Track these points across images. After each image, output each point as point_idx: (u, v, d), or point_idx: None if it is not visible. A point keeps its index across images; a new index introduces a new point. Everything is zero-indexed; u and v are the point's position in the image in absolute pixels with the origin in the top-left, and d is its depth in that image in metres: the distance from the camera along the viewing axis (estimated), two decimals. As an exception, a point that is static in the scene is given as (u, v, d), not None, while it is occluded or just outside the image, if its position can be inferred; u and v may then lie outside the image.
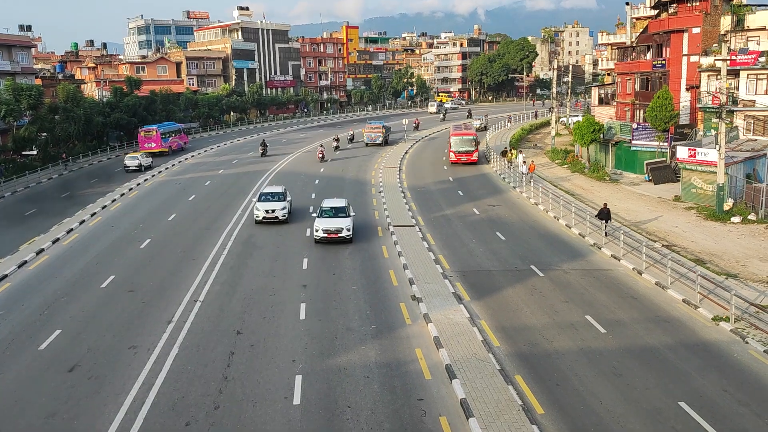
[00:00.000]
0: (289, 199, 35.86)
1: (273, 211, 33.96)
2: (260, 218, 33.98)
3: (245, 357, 18.77)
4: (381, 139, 66.29)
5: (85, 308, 22.94)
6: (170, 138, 67.06)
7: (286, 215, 34.40)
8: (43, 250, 30.62)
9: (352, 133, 72.42)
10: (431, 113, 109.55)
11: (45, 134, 60.31)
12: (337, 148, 64.57)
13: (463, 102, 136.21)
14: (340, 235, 29.82)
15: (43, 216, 39.12)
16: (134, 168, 55.57)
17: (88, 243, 31.95)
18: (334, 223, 30.01)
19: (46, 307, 23.19)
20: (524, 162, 45.91)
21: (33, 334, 20.63)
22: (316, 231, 30.05)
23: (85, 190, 47.62)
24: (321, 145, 62.00)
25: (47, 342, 20.02)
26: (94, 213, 38.61)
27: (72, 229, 34.62)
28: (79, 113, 62.20)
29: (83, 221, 36.49)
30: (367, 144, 66.55)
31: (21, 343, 19.95)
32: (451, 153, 53.29)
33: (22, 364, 18.55)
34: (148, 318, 21.86)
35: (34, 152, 58.32)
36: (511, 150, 55.05)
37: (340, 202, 32.15)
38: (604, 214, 30.35)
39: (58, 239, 32.47)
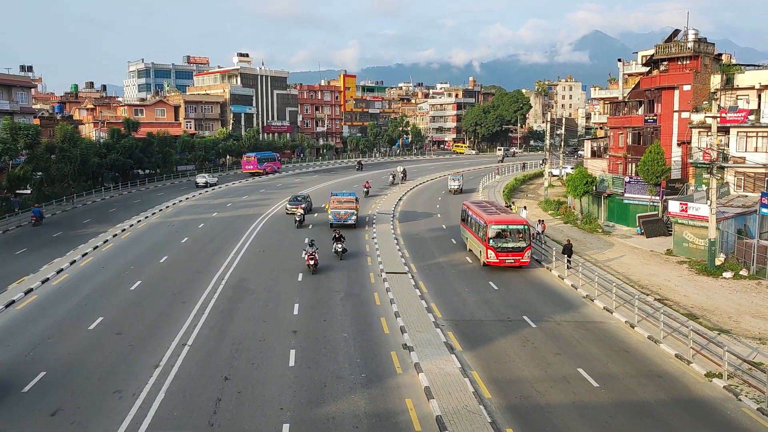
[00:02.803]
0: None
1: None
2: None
3: (232, 404, 18.44)
4: (354, 217, 46.37)
5: (71, 350, 22.60)
6: (265, 163, 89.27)
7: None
8: (32, 289, 30.30)
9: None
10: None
11: (40, 173, 60.37)
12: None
13: (513, 150, 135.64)
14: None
15: (34, 255, 38.84)
16: (202, 185, 73.91)
17: (77, 284, 31.67)
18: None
19: (31, 348, 22.82)
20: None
21: (17, 376, 20.24)
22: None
23: (77, 230, 47.43)
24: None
25: (31, 384, 19.63)
26: (86, 253, 38.39)
27: (62, 269, 34.35)
28: (75, 153, 62.41)
29: (74, 261, 36.24)
30: (332, 225, 45.74)
31: (4, 385, 19.54)
32: (490, 251, 34.20)
33: (5, 407, 18.15)
34: (135, 362, 21.53)
35: (29, 191, 58.26)
36: (513, 203, 54.07)
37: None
38: (567, 250, 35.91)
39: (47, 279, 32.18)
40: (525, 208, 51.10)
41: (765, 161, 43.39)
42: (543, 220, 45.53)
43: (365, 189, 64.60)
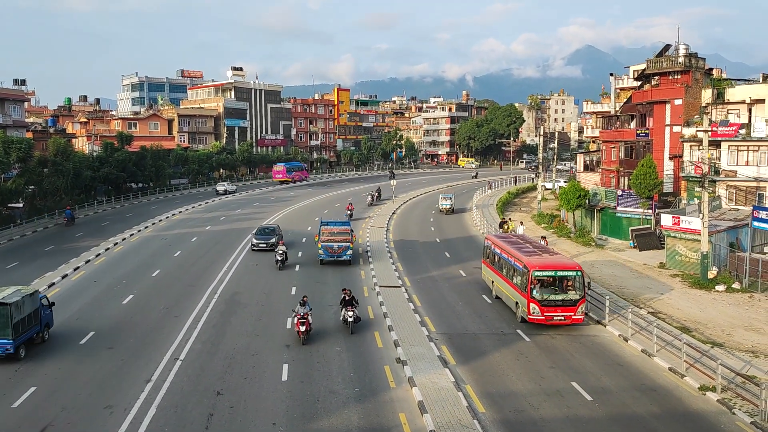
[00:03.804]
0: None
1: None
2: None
3: (224, 419, 18.30)
4: (349, 252, 38.63)
5: (62, 365, 22.40)
6: (293, 172, 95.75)
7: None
8: (22, 303, 30.04)
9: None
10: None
11: (32, 187, 60.14)
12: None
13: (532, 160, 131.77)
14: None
15: (26, 269, 38.59)
16: (222, 192, 78.79)
17: (68, 298, 31.45)
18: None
19: (21, 362, 22.60)
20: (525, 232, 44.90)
21: (7, 391, 20.05)
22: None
23: (69, 243, 47.18)
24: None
25: (21, 399, 19.44)
26: (78, 267, 38.17)
27: (54, 283, 34.13)
28: (68, 167, 62.22)
29: (66, 275, 36.03)
30: (322, 262, 38.53)
31: (-7, 400, 19.36)
32: (533, 306, 26.34)
33: (-7, 423, 17.96)
34: (126, 376, 21.36)
35: (20, 205, 58.00)
36: (509, 220, 52.33)
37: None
38: None
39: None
40: (522, 223, 49.99)
41: (756, 175, 43.67)
42: (545, 237, 44.62)
43: (348, 212, 58.56)
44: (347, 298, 26.42)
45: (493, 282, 32.04)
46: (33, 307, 23.99)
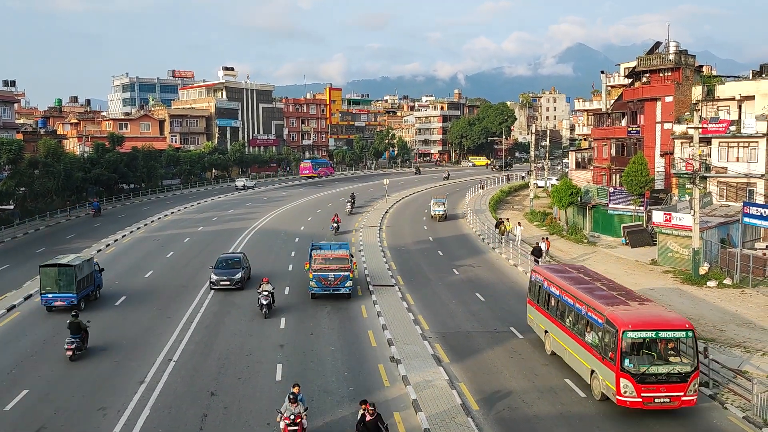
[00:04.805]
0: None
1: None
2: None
3: (218, 420, 18.27)
4: (349, 282, 30.66)
5: (55, 367, 22.32)
6: (319, 168, 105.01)
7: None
8: (14, 306, 29.95)
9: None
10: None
11: (23, 189, 59.82)
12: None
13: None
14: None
15: (17, 271, 38.39)
16: (240, 187, 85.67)
17: (61, 299, 31.27)
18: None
19: (14, 365, 22.53)
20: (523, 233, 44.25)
21: (-1, 394, 19.98)
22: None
23: (61, 245, 46.94)
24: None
25: (13, 402, 19.36)
26: (70, 269, 37.93)
27: (45, 285, 33.92)
28: (59, 168, 61.93)
29: (57, 277, 35.79)
30: (314, 296, 30.85)
31: (-15, 404, 19.26)
32: (625, 381, 18.49)
33: (-14, 426, 17.87)
34: (119, 378, 21.30)
35: (11, 207, 57.68)
36: (506, 220, 49.84)
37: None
38: (537, 252, 37.62)
39: (30, 295, 31.78)
40: (519, 224, 47.48)
41: (746, 171, 43.92)
42: (547, 238, 43.06)
43: (334, 224, 50.55)
44: (369, 417, 15.88)
45: (547, 332, 23.93)
46: (89, 270, 30.59)
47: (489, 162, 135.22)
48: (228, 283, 32.41)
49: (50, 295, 28.62)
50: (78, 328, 23.46)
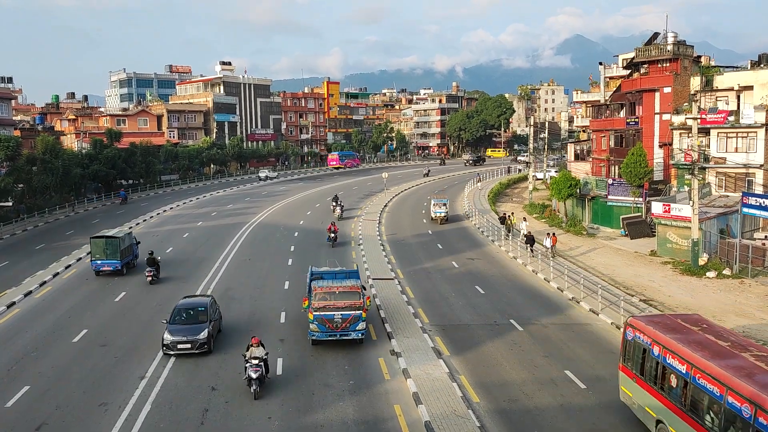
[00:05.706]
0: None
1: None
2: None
3: (220, 414, 18.29)
4: (362, 324, 23.30)
5: (55, 363, 22.34)
6: (346, 160, 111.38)
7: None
8: (14, 303, 29.95)
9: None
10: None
11: (21, 185, 59.75)
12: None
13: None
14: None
15: (16, 268, 38.38)
16: (262, 178, 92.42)
17: (60, 296, 31.33)
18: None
19: (14, 362, 22.54)
20: (531, 228, 43.72)
21: (0, 391, 19.96)
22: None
23: (60, 242, 46.93)
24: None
25: (14, 399, 19.37)
26: (69, 265, 37.99)
27: (45, 282, 33.97)
28: (57, 165, 61.83)
29: (57, 274, 35.86)
30: (314, 342, 23.55)
31: (-14, 400, 19.28)
32: None
33: (-13, 423, 17.88)
34: (120, 374, 21.32)
35: (10, 203, 57.63)
36: (511, 215, 48.21)
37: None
38: (530, 239, 39.13)
39: (30, 292, 31.80)
40: (525, 219, 47.05)
41: (745, 161, 43.90)
42: (554, 233, 41.27)
43: (331, 234, 42.88)
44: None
45: (661, 423, 16.00)
46: (129, 242, 36.53)
47: (506, 154, 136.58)
48: (188, 346, 22.52)
49: (99, 262, 34.37)
50: (153, 261, 33.17)
